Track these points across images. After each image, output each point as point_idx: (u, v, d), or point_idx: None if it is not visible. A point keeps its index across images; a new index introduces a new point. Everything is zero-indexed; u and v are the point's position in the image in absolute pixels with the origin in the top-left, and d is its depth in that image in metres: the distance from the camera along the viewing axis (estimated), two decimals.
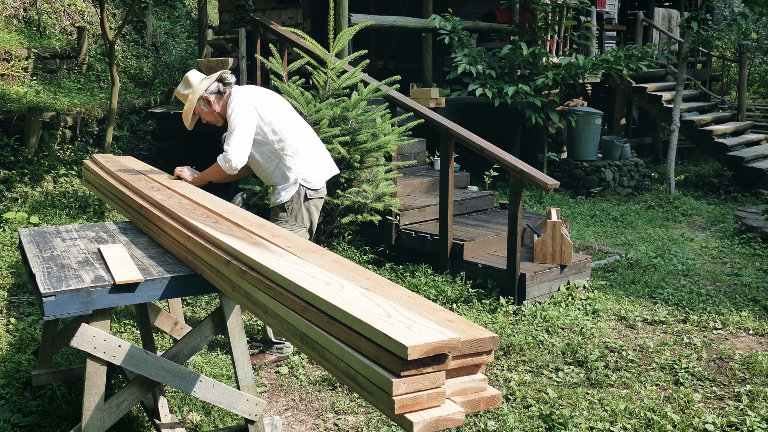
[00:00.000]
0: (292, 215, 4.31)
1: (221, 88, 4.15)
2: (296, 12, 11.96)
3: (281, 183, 4.27)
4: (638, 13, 12.59)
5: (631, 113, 12.98)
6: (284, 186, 4.27)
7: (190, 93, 4.11)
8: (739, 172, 10.68)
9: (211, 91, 4.13)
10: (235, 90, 4.19)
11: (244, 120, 4.04)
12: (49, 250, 3.24)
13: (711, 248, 7.24)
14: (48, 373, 3.79)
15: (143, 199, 3.55)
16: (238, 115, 4.04)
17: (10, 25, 12.26)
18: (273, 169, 4.27)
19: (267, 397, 3.97)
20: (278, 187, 4.28)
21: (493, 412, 3.74)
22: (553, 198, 9.60)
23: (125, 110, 10.74)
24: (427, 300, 2.14)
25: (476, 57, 8.67)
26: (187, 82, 4.15)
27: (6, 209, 7.10)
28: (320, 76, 5.75)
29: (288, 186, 4.26)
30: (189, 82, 4.15)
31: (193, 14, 16.67)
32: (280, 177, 4.27)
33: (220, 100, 4.16)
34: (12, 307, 5.18)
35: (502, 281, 5.51)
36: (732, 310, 5.38)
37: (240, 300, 2.58)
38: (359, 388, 1.85)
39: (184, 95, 4.14)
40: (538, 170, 5.31)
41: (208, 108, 4.17)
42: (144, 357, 2.82)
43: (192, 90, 4.12)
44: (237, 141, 4.01)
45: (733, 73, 17.84)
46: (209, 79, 4.15)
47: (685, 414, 3.77)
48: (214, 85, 4.14)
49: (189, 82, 4.15)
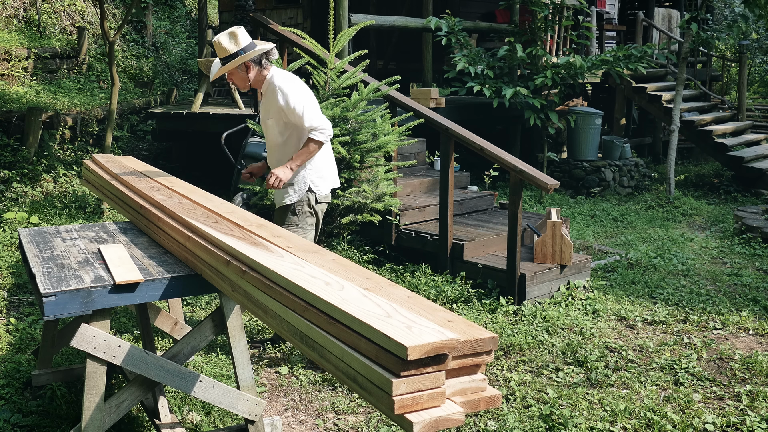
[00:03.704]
0: (302, 218, 4.25)
1: (264, 62, 4.08)
2: (296, 12, 11.96)
3: (293, 179, 4.21)
4: (638, 13, 12.58)
5: (631, 113, 12.98)
6: (295, 185, 4.21)
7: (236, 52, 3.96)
8: (739, 172, 10.68)
9: (255, 60, 4.04)
10: (281, 71, 4.15)
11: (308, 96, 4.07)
12: (49, 250, 3.24)
13: (711, 248, 7.24)
14: (48, 373, 3.79)
15: (143, 199, 3.55)
16: (302, 93, 4.05)
17: (10, 25, 12.26)
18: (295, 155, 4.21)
19: (267, 397, 3.97)
20: (289, 188, 4.22)
21: (493, 412, 3.74)
22: (553, 198, 9.60)
23: (125, 110, 10.74)
24: (427, 300, 2.14)
25: (475, 57, 8.67)
26: (235, 39, 3.98)
27: (6, 209, 7.10)
28: (320, 76, 5.75)
29: (299, 185, 4.21)
30: (237, 40, 3.98)
31: (193, 14, 16.67)
32: (304, 173, 4.22)
33: (259, 71, 4.07)
34: (12, 307, 5.18)
35: (502, 281, 5.51)
36: (732, 310, 5.38)
37: (240, 300, 2.58)
38: (359, 388, 1.85)
39: (226, 50, 3.97)
40: (538, 170, 5.31)
41: (243, 73, 4.06)
42: (144, 357, 2.82)
43: (238, 48, 3.96)
44: (314, 114, 4.03)
45: (733, 73, 17.84)
46: (257, 48, 4.03)
47: (685, 414, 3.77)
48: (258, 56, 4.05)
49: (237, 40, 3.98)
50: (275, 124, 4.15)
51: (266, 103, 4.17)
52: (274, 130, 4.17)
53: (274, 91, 4.05)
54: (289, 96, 4.01)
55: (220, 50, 3.99)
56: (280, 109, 4.05)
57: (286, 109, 4.02)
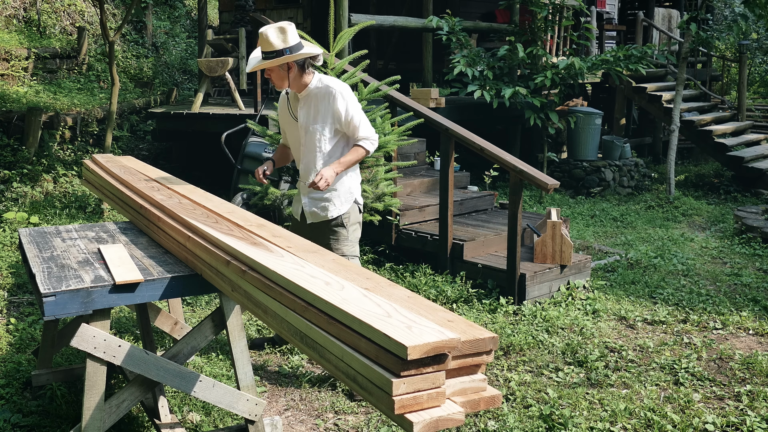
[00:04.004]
0: (351, 231, 4.06)
1: (307, 66, 3.90)
2: (296, 12, 11.97)
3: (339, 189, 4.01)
4: (638, 13, 12.58)
5: (631, 113, 12.98)
6: (340, 195, 4.02)
7: (282, 50, 3.75)
8: (739, 172, 10.68)
9: (299, 63, 3.86)
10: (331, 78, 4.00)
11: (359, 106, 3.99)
12: (49, 250, 3.24)
13: (711, 248, 7.24)
14: (48, 373, 3.79)
15: (143, 199, 3.55)
16: (357, 103, 3.95)
17: (10, 25, 12.26)
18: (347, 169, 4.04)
19: (267, 397, 3.97)
20: (334, 198, 4.02)
21: (493, 412, 3.74)
22: (553, 198, 9.60)
23: (125, 110, 10.74)
24: (427, 300, 2.14)
25: (475, 57, 8.67)
26: (284, 36, 3.76)
27: (6, 209, 7.10)
28: None
29: (344, 196, 4.03)
30: (286, 37, 3.77)
31: (193, 14, 16.67)
32: (341, 183, 4.03)
33: (300, 74, 3.87)
34: (12, 307, 5.18)
35: (502, 281, 5.51)
36: (732, 310, 5.38)
37: (240, 300, 2.58)
38: (359, 388, 1.85)
39: (272, 45, 3.74)
40: (538, 170, 5.31)
41: (284, 72, 3.85)
42: (144, 357, 2.82)
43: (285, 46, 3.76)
44: (368, 123, 3.97)
45: (733, 73, 17.84)
46: (303, 50, 3.83)
47: (685, 414, 3.77)
48: (303, 60, 3.87)
49: (286, 37, 3.77)
50: (326, 130, 3.92)
51: (315, 107, 3.92)
52: (322, 135, 3.92)
53: (330, 96, 3.87)
54: (349, 103, 3.89)
55: (264, 44, 3.78)
56: (337, 115, 3.89)
57: (344, 115, 3.88)
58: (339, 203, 4.05)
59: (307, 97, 3.95)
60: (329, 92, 3.89)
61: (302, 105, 3.97)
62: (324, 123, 3.91)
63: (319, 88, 3.92)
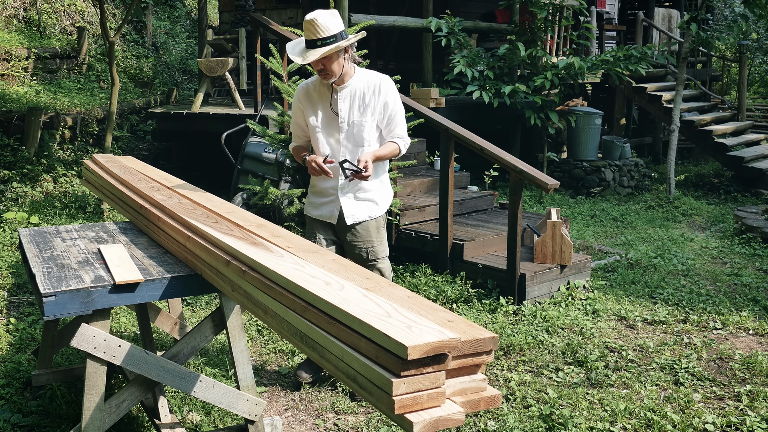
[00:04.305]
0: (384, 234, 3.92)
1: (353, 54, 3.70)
2: (296, 12, 11.96)
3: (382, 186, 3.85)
4: (638, 13, 12.59)
5: (631, 113, 12.98)
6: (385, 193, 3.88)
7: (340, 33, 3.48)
8: (739, 172, 10.68)
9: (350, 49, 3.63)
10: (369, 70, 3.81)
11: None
12: (49, 250, 3.24)
13: (711, 248, 7.24)
14: (48, 373, 3.79)
15: (143, 199, 3.55)
16: (399, 100, 3.76)
17: (10, 25, 12.25)
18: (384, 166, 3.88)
19: (267, 397, 3.97)
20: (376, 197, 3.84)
21: (493, 412, 3.74)
22: (553, 198, 9.60)
23: (125, 110, 10.74)
24: (427, 300, 2.14)
25: (475, 58, 8.67)
26: (337, 21, 3.50)
27: (6, 209, 7.10)
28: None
29: (386, 195, 3.88)
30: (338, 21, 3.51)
31: (193, 14, 16.67)
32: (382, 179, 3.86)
33: (348, 63, 3.62)
34: (12, 307, 5.18)
35: (502, 281, 5.51)
36: (732, 310, 5.38)
37: (240, 300, 2.58)
38: (359, 388, 1.85)
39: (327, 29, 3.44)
40: (538, 170, 5.31)
41: (339, 58, 3.56)
42: (144, 357, 2.82)
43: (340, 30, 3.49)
44: (405, 123, 3.81)
45: (733, 73, 17.84)
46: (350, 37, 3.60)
47: (685, 414, 3.77)
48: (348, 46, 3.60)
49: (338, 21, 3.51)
50: (375, 124, 3.72)
51: (361, 99, 3.67)
52: (371, 129, 3.71)
53: (379, 87, 3.66)
54: (397, 97, 3.73)
55: (316, 29, 3.44)
56: (386, 111, 3.70)
57: (391, 109, 3.70)
58: (382, 202, 3.88)
59: (348, 88, 3.68)
60: (378, 83, 3.68)
61: (343, 97, 3.69)
62: (373, 116, 3.69)
63: (363, 78, 3.69)
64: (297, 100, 3.81)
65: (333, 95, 3.70)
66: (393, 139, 3.75)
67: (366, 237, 3.85)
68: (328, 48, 3.45)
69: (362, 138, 3.70)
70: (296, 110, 3.83)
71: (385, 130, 3.76)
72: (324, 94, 3.73)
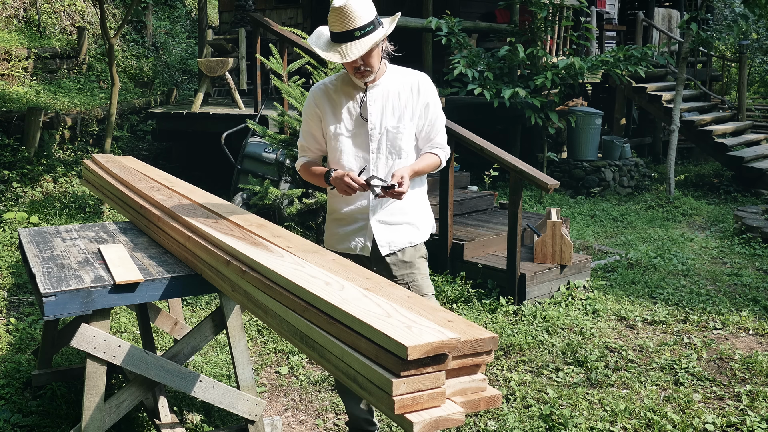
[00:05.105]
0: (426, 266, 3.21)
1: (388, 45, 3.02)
2: (296, 12, 11.96)
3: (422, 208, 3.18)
4: (638, 13, 12.59)
5: (631, 113, 12.99)
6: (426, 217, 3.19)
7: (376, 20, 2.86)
8: (739, 172, 10.68)
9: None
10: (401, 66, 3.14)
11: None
12: (49, 250, 3.24)
13: (711, 248, 7.24)
14: (48, 373, 3.79)
15: (143, 199, 3.55)
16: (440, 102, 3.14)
17: (10, 25, 12.26)
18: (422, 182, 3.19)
19: (267, 397, 3.97)
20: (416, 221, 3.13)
21: (493, 412, 3.74)
22: (553, 198, 9.60)
23: (125, 110, 10.74)
24: (427, 300, 2.14)
25: (475, 58, 8.67)
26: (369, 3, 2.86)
27: (6, 209, 7.10)
28: (320, 76, 5.75)
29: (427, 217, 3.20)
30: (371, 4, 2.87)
31: (193, 14, 16.67)
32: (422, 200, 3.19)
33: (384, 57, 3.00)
34: (12, 307, 5.18)
35: (502, 281, 5.51)
36: (732, 310, 5.37)
37: (240, 300, 2.58)
38: (359, 388, 1.85)
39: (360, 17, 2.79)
40: (538, 170, 5.32)
41: (378, 49, 2.90)
42: (144, 357, 2.82)
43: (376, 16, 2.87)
44: (445, 130, 3.16)
45: (733, 73, 17.84)
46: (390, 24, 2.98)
47: (685, 414, 3.77)
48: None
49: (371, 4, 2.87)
50: (413, 130, 3.05)
51: (396, 101, 3.00)
52: (407, 138, 3.02)
53: (417, 87, 3.02)
54: (437, 100, 3.10)
55: (350, 17, 2.78)
56: (426, 115, 3.06)
57: (431, 114, 3.06)
58: (423, 225, 3.16)
59: (380, 87, 3.00)
60: (416, 81, 3.03)
61: (373, 98, 2.99)
62: (411, 121, 3.02)
63: (397, 76, 3.03)
64: (312, 104, 3.06)
65: (361, 96, 3.00)
66: (433, 150, 3.08)
67: (406, 269, 3.11)
68: (374, 37, 2.80)
69: (398, 147, 3.00)
70: (311, 116, 3.07)
71: (422, 139, 3.09)
72: (349, 95, 3.01)
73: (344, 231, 3.10)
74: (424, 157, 3.07)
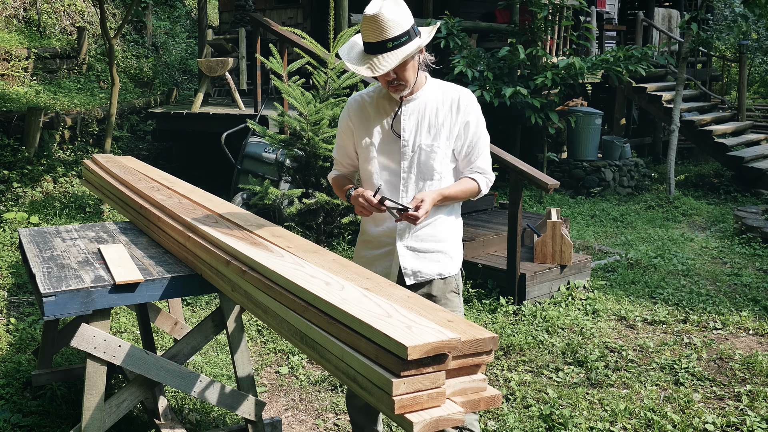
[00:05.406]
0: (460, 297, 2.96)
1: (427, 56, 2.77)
2: (296, 12, 11.96)
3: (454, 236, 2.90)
4: (638, 13, 12.59)
5: (631, 113, 12.99)
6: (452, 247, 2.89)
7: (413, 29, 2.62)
8: (739, 172, 10.68)
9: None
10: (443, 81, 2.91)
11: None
12: (49, 250, 3.24)
13: (711, 248, 7.24)
14: (48, 373, 3.79)
15: (143, 199, 3.55)
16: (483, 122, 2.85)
17: (10, 25, 12.26)
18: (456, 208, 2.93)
19: (267, 397, 3.97)
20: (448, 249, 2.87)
21: (493, 412, 3.74)
22: (553, 198, 9.60)
23: (125, 110, 10.74)
24: (427, 300, 2.14)
25: (475, 58, 8.67)
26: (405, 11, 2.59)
27: (6, 209, 7.10)
28: (320, 76, 5.76)
29: (457, 248, 2.91)
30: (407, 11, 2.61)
31: (193, 14, 16.67)
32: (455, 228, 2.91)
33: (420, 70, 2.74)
34: (12, 307, 5.18)
35: (502, 281, 5.51)
36: (732, 310, 5.37)
37: (240, 300, 2.58)
38: (359, 388, 1.85)
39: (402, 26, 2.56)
40: (538, 170, 5.32)
41: (414, 61, 2.66)
42: (144, 357, 2.82)
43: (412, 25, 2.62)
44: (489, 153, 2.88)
45: (733, 73, 17.84)
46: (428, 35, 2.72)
47: (685, 414, 3.77)
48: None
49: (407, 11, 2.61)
50: (449, 150, 2.78)
51: (434, 117, 2.76)
52: (442, 158, 2.76)
53: (458, 104, 2.77)
54: (481, 120, 2.83)
55: (383, 27, 2.54)
56: (466, 135, 2.79)
57: (472, 134, 2.79)
58: (456, 254, 2.89)
59: (417, 101, 2.77)
60: (457, 97, 2.78)
61: (408, 113, 2.76)
62: (448, 140, 2.76)
63: (437, 90, 2.80)
64: (346, 117, 2.88)
65: (388, 108, 2.80)
66: (472, 174, 2.82)
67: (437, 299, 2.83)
68: (407, 49, 2.57)
69: (431, 168, 2.75)
70: (344, 130, 2.89)
71: (462, 161, 2.83)
72: (384, 109, 2.81)
73: (371, 255, 2.88)
74: (461, 181, 2.82)
